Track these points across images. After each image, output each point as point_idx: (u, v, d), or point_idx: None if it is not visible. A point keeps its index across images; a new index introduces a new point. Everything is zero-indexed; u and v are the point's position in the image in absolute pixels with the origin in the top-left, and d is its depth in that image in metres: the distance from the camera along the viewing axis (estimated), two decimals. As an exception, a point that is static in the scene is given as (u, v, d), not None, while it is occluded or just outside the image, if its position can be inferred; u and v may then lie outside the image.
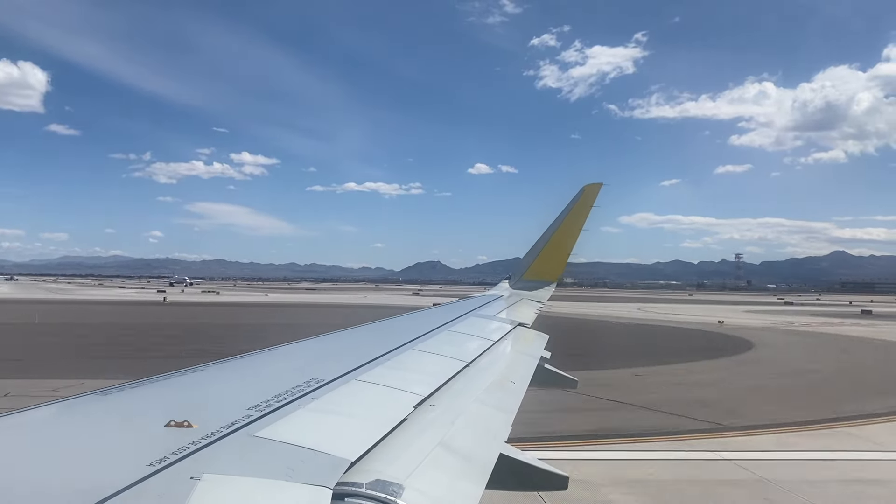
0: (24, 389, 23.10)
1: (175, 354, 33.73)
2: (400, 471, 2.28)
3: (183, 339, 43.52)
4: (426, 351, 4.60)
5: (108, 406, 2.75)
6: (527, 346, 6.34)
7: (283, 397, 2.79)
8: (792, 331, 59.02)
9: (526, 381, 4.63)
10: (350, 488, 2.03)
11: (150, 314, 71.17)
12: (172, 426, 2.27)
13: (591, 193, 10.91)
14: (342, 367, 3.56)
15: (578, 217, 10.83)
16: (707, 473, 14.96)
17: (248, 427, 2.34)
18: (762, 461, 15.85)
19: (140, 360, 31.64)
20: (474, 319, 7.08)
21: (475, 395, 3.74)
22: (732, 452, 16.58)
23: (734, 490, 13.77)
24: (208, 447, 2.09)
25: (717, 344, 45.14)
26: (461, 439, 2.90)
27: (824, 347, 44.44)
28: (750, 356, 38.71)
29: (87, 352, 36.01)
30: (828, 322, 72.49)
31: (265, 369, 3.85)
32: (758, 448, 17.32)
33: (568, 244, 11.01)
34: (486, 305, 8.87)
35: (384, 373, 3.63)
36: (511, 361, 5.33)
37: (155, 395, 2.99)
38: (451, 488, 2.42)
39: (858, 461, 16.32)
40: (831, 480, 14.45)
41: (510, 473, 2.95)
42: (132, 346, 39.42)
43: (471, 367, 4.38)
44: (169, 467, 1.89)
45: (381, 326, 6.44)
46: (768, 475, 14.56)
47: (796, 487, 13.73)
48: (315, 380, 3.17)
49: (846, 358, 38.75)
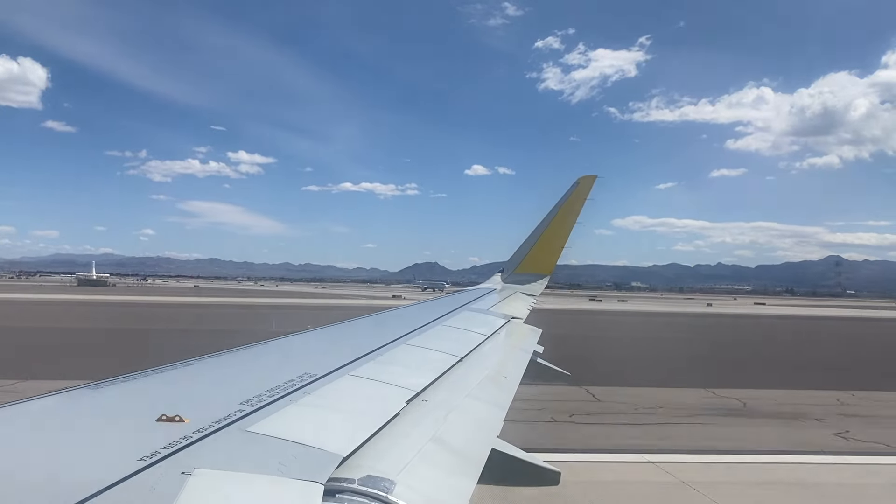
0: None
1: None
2: (392, 466, 2.29)
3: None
4: (419, 346, 4.61)
5: (99, 400, 2.73)
6: (519, 340, 6.36)
7: (276, 392, 2.79)
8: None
9: (519, 376, 4.64)
10: (342, 484, 2.03)
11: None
12: (164, 420, 2.26)
13: (585, 185, 10.86)
14: (335, 361, 3.56)
15: (572, 209, 10.79)
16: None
17: (240, 422, 2.34)
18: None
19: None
20: (467, 314, 7.09)
21: (468, 390, 3.75)
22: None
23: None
24: (200, 442, 2.09)
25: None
26: (453, 434, 2.90)
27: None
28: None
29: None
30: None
31: (258, 363, 3.84)
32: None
33: (562, 237, 10.96)
34: (480, 299, 8.87)
35: (377, 368, 3.63)
36: (504, 356, 5.34)
37: (146, 389, 2.98)
38: (443, 483, 2.43)
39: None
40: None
41: (502, 468, 2.96)
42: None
43: (463, 361, 4.39)
44: (160, 462, 1.88)
45: (375, 321, 6.43)
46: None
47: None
48: (308, 374, 3.17)
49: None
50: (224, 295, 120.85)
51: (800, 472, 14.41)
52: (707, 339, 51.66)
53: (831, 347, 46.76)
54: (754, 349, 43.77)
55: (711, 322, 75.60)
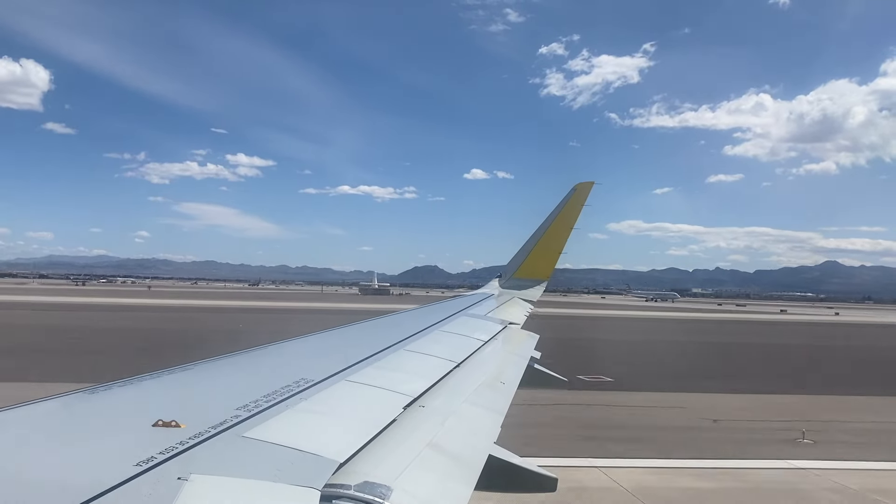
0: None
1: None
2: (388, 472, 2.28)
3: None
4: (416, 351, 4.60)
5: (95, 405, 2.72)
6: (517, 346, 6.35)
7: (272, 397, 2.78)
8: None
9: (516, 382, 4.64)
10: (338, 490, 2.02)
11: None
12: (160, 426, 2.25)
13: (582, 192, 10.91)
14: (332, 367, 3.55)
15: (570, 215, 10.83)
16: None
17: (236, 427, 2.33)
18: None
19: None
20: (465, 319, 7.08)
21: (465, 395, 3.74)
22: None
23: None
24: (196, 447, 2.08)
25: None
26: (450, 440, 2.90)
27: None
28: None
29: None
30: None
31: (254, 368, 3.83)
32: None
33: (559, 242, 11.00)
34: (477, 305, 8.87)
35: (374, 373, 3.62)
36: (501, 362, 5.34)
37: (142, 394, 2.97)
38: (440, 490, 2.43)
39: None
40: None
41: (499, 475, 2.95)
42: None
43: (461, 367, 4.39)
44: (156, 467, 1.88)
45: (372, 326, 6.43)
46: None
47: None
48: (304, 380, 3.16)
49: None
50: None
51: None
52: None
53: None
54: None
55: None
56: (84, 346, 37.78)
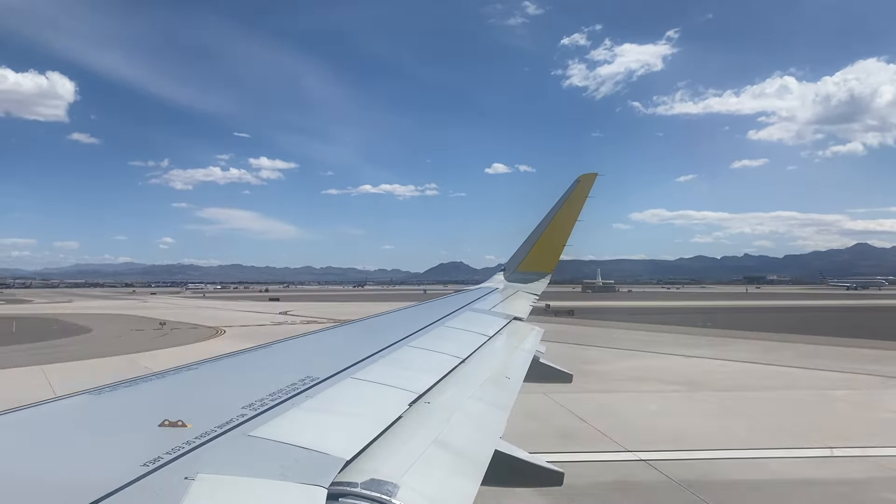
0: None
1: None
2: (395, 469, 2.28)
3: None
4: (421, 347, 4.60)
5: (102, 405, 2.73)
6: (522, 340, 6.35)
7: (278, 396, 2.79)
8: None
9: (521, 377, 4.64)
10: (345, 488, 2.03)
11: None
12: (166, 425, 2.26)
13: (586, 183, 10.86)
14: (337, 364, 3.56)
15: (573, 208, 10.79)
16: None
17: (242, 426, 2.34)
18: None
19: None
20: (469, 314, 7.08)
21: (470, 391, 3.74)
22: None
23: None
24: (202, 447, 2.08)
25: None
26: (456, 437, 2.90)
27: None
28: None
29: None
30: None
31: (260, 367, 3.84)
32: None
33: (563, 235, 10.96)
34: (482, 299, 8.86)
35: (379, 370, 3.63)
36: (506, 357, 5.34)
37: (149, 393, 2.98)
38: (447, 486, 2.43)
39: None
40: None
41: (506, 470, 2.96)
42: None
43: (466, 363, 4.39)
44: (163, 467, 1.88)
45: (377, 322, 6.43)
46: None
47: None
48: (310, 378, 3.17)
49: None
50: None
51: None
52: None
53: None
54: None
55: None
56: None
